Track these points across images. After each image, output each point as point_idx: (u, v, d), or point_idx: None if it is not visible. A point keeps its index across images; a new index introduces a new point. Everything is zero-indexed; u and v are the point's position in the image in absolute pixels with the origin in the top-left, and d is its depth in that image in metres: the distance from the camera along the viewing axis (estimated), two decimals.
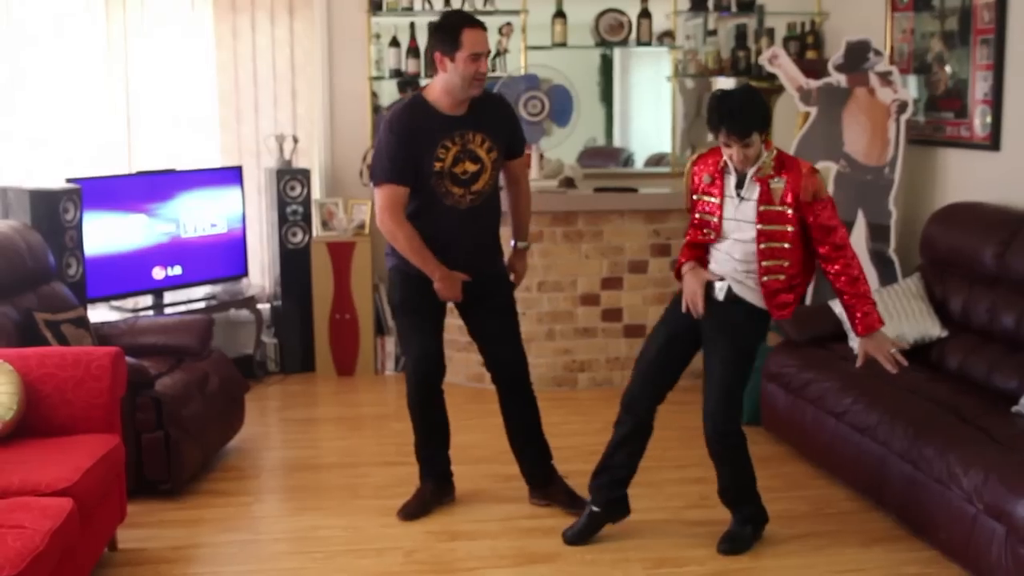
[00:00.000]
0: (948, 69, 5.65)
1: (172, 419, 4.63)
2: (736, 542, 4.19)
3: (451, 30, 4.14)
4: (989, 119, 5.33)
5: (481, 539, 4.30)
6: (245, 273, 6.65)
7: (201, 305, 6.32)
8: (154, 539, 4.29)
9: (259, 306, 6.64)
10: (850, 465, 4.63)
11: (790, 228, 3.91)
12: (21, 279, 4.75)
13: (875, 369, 4.82)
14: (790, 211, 3.90)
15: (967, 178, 5.58)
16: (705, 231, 4.09)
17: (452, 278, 4.29)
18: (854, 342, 5.09)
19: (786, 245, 3.94)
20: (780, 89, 6.60)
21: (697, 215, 4.12)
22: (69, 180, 5.57)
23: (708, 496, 4.67)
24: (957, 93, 5.59)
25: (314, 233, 6.67)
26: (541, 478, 4.63)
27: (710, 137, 7.70)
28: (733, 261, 4.03)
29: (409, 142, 4.16)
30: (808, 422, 4.96)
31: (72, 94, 6.33)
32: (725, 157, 3.98)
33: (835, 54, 6.06)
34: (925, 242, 5.37)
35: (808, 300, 6.07)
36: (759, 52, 6.74)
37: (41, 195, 5.24)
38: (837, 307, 5.27)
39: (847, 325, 5.18)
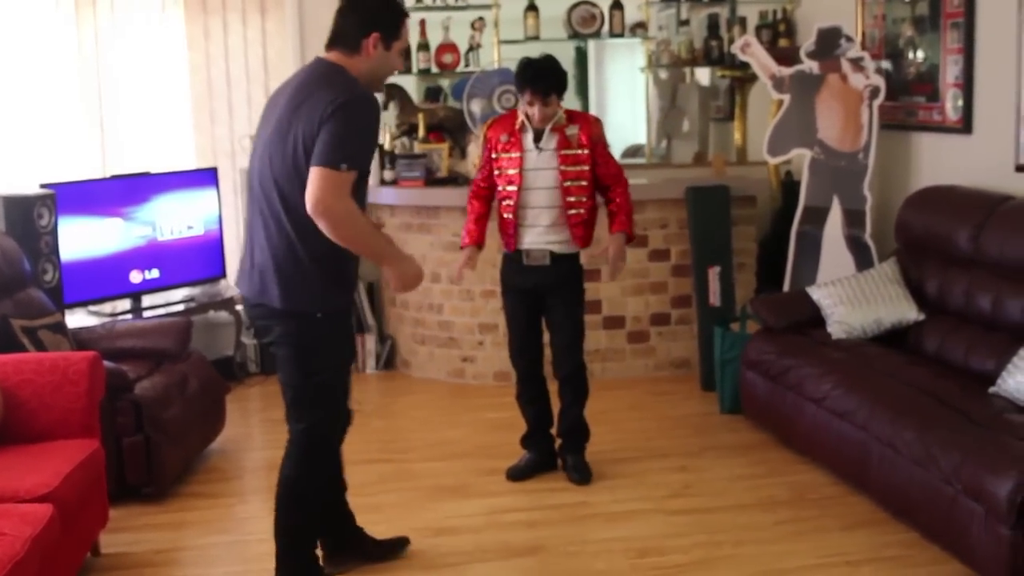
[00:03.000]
0: (919, 54, 5.68)
1: (152, 422, 4.61)
2: (586, 469, 4.81)
3: (396, 15, 3.60)
4: (960, 102, 5.36)
5: (464, 534, 4.30)
6: (223, 275, 6.62)
7: (180, 308, 6.29)
8: (138, 543, 4.28)
9: (238, 307, 6.61)
10: (831, 450, 4.65)
11: (586, 167, 4.61)
12: None
13: (854, 353, 4.87)
14: (585, 151, 4.61)
15: (940, 162, 5.61)
16: (507, 186, 4.67)
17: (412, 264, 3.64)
18: (832, 327, 5.13)
19: (584, 183, 4.62)
20: (753, 77, 6.62)
21: (497, 171, 4.72)
22: (43, 185, 5.55)
23: (691, 484, 4.71)
24: (928, 77, 5.62)
25: None
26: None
27: (686, 127, 7.81)
28: (544, 213, 4.63)
29: (375, 132, 3.58)
30: (788, 409, 4.98)
31: (44, 99, 6.30)
32: (522, 117, 4.63)
33: (807, 41, 6.08)
34: (900, 226, 5.39)
35: (786, 287, 6.11)
36: (731, 41, 6.76)
37: (15, 201, 5.20)
38: (815, 293, 5.31)
39: (825, 312, 5.21)
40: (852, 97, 5.85)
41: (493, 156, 4.73)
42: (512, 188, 4.64)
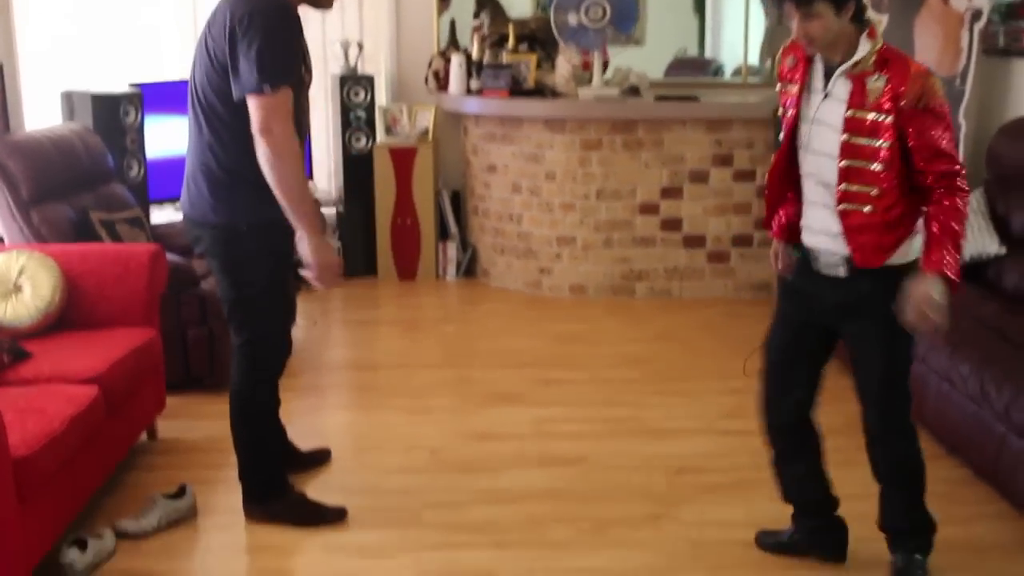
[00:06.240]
0: None
1: (216, 316, 4.75)
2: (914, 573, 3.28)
3: None
4: None
5: (509, 440, 4.35)
6: (309, 177, 6.72)
7: None
8: (193, 430, 4.45)
9: (323, 210, 6.71)
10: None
11: (883, 143, 2.90)
12: (78, 179, 4.88)
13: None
14: (887, 119, 2.88)
15: None
16: (781, 133, 3.16)
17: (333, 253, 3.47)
18: None
19: (876, 167, 2.92)
20: None
21: (780, 111, 3.18)
22: (132, 85, 5.68)
23: (744, 407, 4.62)
24: None
25: (377, 139, 6.71)
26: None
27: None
28: (828, 194, 3.03)
29: (297, 40, 3.36)
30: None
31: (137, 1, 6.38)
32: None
33: None
34: (991, 156, 5.18)
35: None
36: None
37: (102, 99, 5.35)
38: None
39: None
40: (952, 19, 5.60)
41: (779, 87, 3.16)
42: (781, 139, 3.15)
